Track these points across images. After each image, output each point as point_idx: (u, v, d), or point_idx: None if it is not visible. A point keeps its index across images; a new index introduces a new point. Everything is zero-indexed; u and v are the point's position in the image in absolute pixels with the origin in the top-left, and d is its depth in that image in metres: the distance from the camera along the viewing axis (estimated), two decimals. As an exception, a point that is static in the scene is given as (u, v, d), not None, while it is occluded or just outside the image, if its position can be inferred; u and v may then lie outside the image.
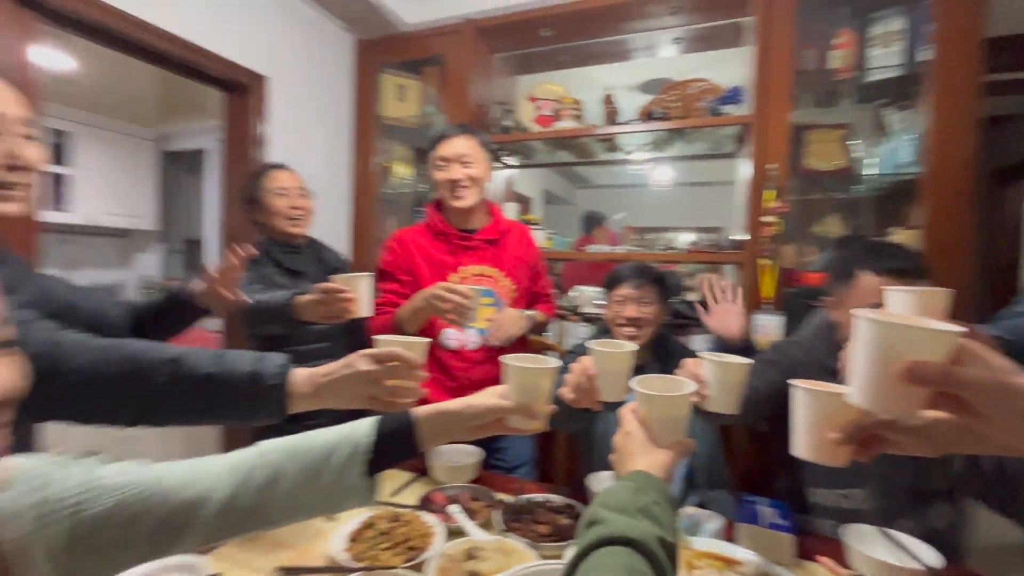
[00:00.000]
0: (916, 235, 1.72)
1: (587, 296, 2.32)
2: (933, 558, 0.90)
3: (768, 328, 1.81)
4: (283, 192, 1.59)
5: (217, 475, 0.59)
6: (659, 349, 1.45)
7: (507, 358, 0.76)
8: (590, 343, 0.93)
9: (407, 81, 2.57)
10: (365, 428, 0.67)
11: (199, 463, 0.60)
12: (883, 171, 1.86)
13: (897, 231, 1.80)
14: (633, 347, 0.89)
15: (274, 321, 1.33)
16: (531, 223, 2.39)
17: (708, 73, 2.20)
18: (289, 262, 1.59)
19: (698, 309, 1.54)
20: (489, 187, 1.60)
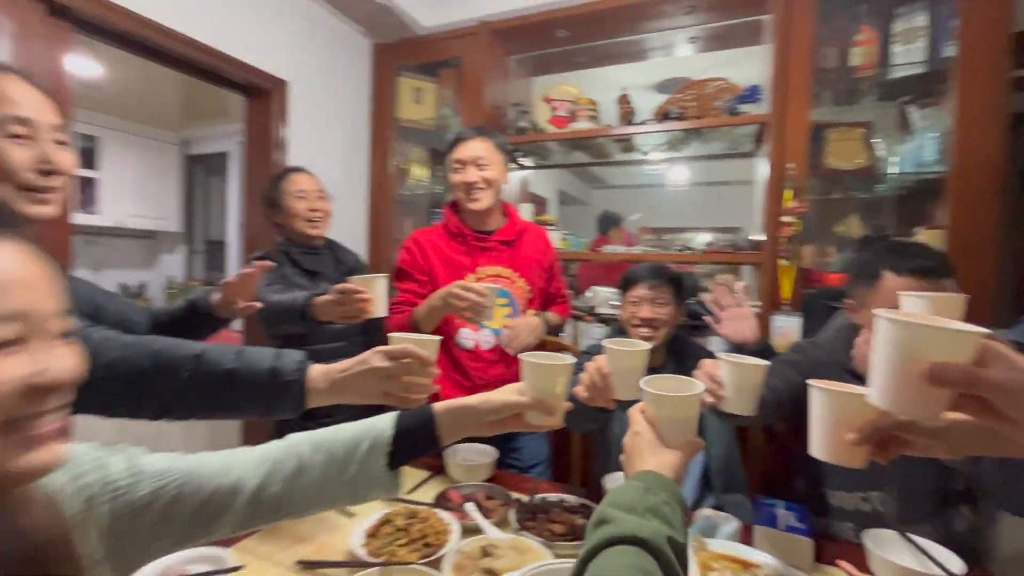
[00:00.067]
0: (940, 235, 1.68)
1: (602, 297, 2.31)
2: (956, 564, 0.88)
3: (786, 329, 1.79)
4: (302, 195, 1.62)
5: (248, 465, 0.62)
6: (676, 350, 1.44)
7: (524, 355, 0.77)
8: (605, 341, 0.93)
9: (424, 84, 2.60)
10: (386, 422, 0.69)
11: (232, 454, 0.63)
12: (906, 170, 1.82)
13: (920, 231, 1.77)
14: (647, 345, 0.89)
15: (293, 321, 1.36)
16: (547, 224, 2.40)
17: (725, 72, 2.17)
18: (307, 263, 1.62)
19: (709, 321, 1.51)
20: (505, 188, 1.61)
